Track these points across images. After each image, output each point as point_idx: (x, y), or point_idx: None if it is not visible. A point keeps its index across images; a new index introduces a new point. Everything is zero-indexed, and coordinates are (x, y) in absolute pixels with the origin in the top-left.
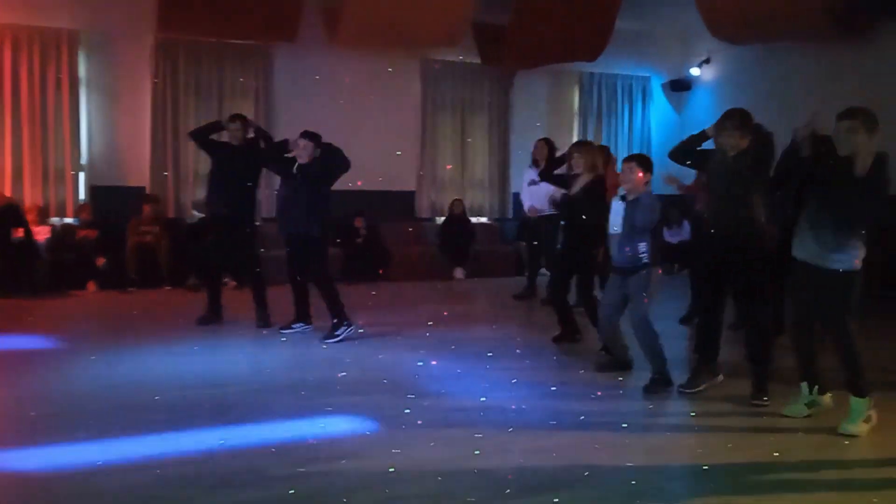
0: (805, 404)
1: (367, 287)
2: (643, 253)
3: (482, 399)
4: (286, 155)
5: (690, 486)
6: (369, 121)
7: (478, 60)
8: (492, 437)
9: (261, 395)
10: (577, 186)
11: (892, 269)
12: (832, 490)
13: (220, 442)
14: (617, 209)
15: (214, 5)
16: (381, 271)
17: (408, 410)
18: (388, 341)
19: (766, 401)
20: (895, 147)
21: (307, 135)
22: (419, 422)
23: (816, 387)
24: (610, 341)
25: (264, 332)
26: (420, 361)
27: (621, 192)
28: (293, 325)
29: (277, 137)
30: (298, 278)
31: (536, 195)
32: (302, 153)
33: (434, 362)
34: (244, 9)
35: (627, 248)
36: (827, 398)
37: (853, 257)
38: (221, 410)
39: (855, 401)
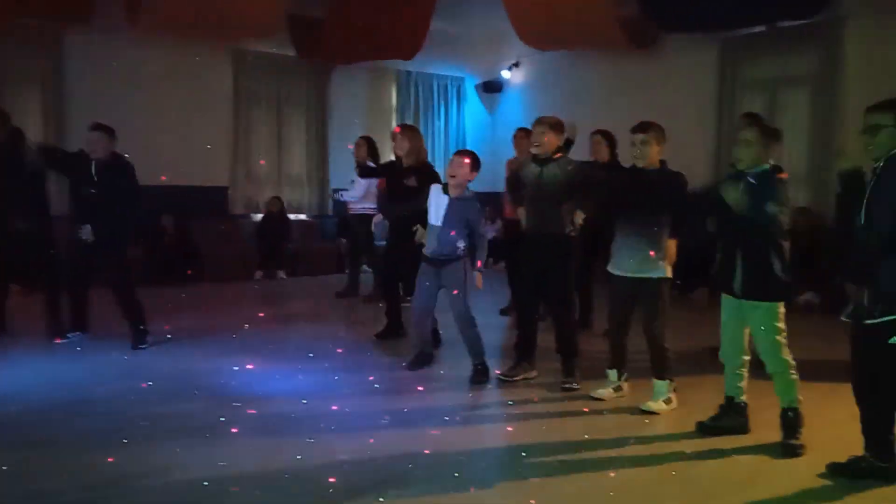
0: (612, 388)
1: (176, 289)
2: (461, 245)
3: (304, 402)
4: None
5: (511, 471)
6: (176, 113)
7: (293, 53)
8: (314, 441)
9: (54, 413)
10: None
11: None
12: (638, 465)
13: (4, 468)
14: (440, 202)
15: None
16: (189, 272)
17: (223, 419)
18: (200, 346)
19: (576, 385)
20: (679, 153)
21: (100, 127)
22: (234, 430)
23: (625, 374)
24: (419, 332)
25: (57, 342)
26: (236, 366)
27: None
28: (68, 335)
29: (70, 129)
30: (80, 284)
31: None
32: (95, 148)
33: (250, 366)
34: None
35: (449, 240)
36: (627, 385)
37: (663, 264)
38: (7, 431)
39: (657, 383)
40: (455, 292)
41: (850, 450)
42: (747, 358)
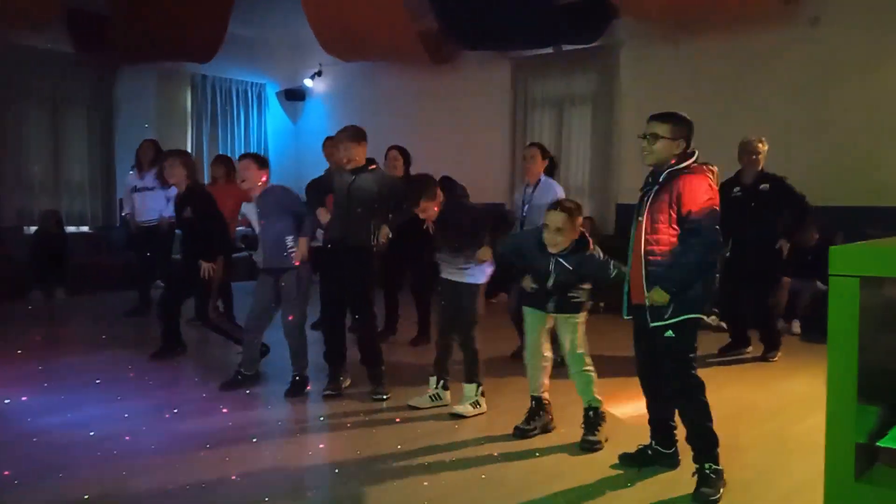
0: (430, 396)
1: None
2: (290, 243)
3: (91, 434)
4: None
5: (324, 488)
6: None
7: (72, 50)
8: (106, 473)
9: None
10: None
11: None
12: (450, 471)
13: None
14: (250, 210)
15: None
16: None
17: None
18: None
19: (385, 395)
20: (476, 165)
21: None
22: (6, 472)
23: (443, 381)
24: (249, 346)
25: None
26: (7, 398)
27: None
28: None
29: None
30: None
31: (143, 201)
32: None
33: (24, 398)
34: None
35: (276, 239)
36: (447, 394)
37: (479, 270)
38: None
39: (467, 387)
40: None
41: (643, 440)
42: (549, 355)
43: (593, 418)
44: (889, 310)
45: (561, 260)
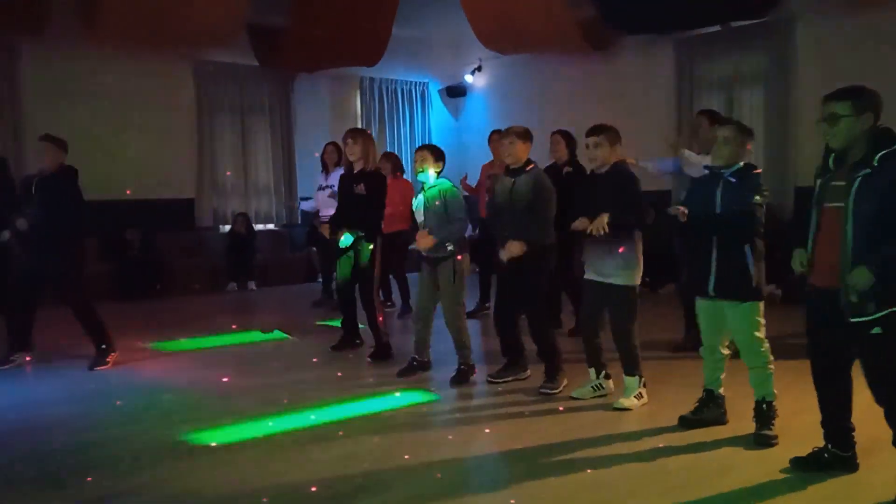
0: (592, 387)
1: (144, 304)
2: (452, 240)
3: (279, 413)
4: None
5: (490, 472)
6: (137, 125)
7: (255, 62)
8: (287, 451)
9: (25, 434)
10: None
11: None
12: (613, 462)
13: None
14: (418, 200)
15: None
16: (157, 286)
17: (187, 433)
18: (172, 361)
19: (553, 390)
20: (640, 153)
21: (49, 138)
22: (212, 444)
23: (603, 371)
24: (421, 335)
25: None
26: (211, 379)
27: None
28: (13, 357)
29: (27, 145)
30: (23, 305)
31: (326, 199)
32: (43, 158)
33: (225, 379)
34: None
35: (435, 232)
36: (610, 383)
37: (631, 270)
38: None
39: (628, 379)
40: (446, 289)
41: (818, 440)
42: (727, 353)
43: (766, 412)
44: None
45: (728, 178)
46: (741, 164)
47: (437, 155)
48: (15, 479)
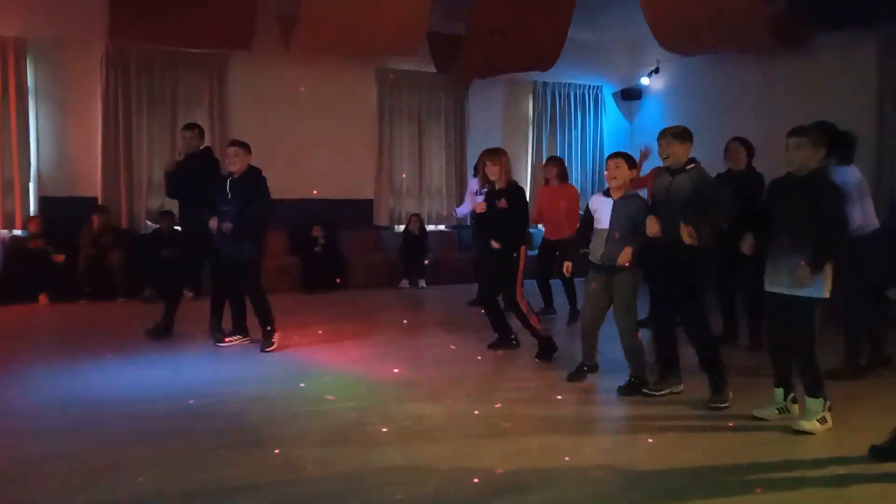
0: (777, 409)
1: (327, 296)
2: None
3: (446, 406)
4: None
5: (651, 482)
6: (325, 130)
7: (433, 69)
8: (456, 443)
9: (224, 407)
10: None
11: None
12: (787, 486)
13: (187, 455)
14: (604, 206)
15: (167, 13)
16: (338, 280)
17: (374, 418)
18: (349, 351)
19: (722, 405)
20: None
21: (238, 143)
22: (384, 430)
23: (791, 395)
24: (589, 343)
25: (220, 345)
26: (383, 370)
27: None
28: (230, 338)
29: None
30: (232, 291)
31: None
32: (233, 160)
33: (396, 370)
34: (198, 17)
35: (616, 243)
36: (795, 407)
37: (820, 282)
38: (187, 424)
39: (810, 401)
40: (623, 302)
41: None
42: None
43: None
44: None
45: None
46: None
47: (631, 162)
48: (218, 445)
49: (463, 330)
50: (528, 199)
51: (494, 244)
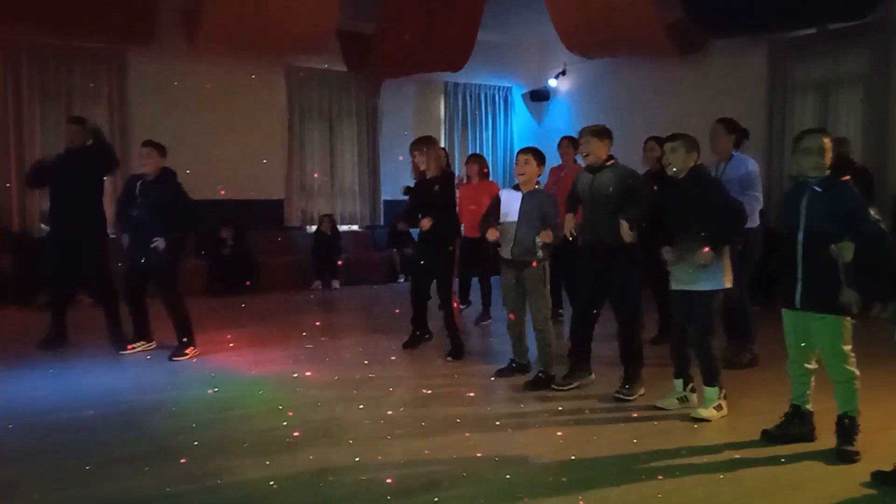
0: (677, 399)
1: (236, 300)
2: (539, 242)
3: (360, 406)
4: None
5: (560, 474)
6: (233, 129)
7: (344, 68)
8: (369, 443)
9: (127, 416)
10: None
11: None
12: (686, 470)
13: (87, 467)
14: (512, 200)
15: (61, 5)
16: (248, 283)
17: (285, 423)
18: (260, 355)
19: (630, 397)
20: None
21: (151, 144)
22: (296, 434)
23: (691, 384)
24: (516, 339)
25: (121, 352)
26: (295, 374)
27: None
28: (133, 345)
29: (133, 146)
30: (138, 296)
31: None
32: (146, 161)
33: (308, 373)
34: (95, 10)
35: (526, 236)
36: (695, 396)
37: (719, 274)
38: (85, 435)
39: (707, 390)
40: (535, 294)
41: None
42: (813, 367)
43: (849, 427)
44: None
45: (815, 187)
46: (828, 172)
47: (540, 158)
48: (120, 456)
49: (376, 331)
50: None
51: (425, 222)
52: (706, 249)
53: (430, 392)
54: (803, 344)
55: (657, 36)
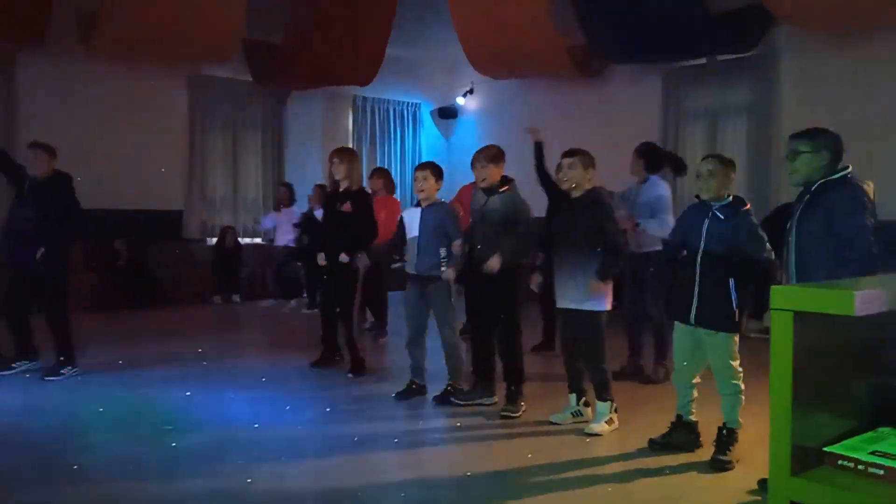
0: (571, 413)
1: (131, 314)
2: (444, 255)
3: (255, 426)
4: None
5: (455, 492)
6: (130, 136)
7: (249, 78)
8: (265, 465)
9: (5, 438)
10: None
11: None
12: (577, 484)
13: None
14: (413, 216)
15: None
16: (144, 297)
17: (174, 444)
18: (152, 372)
19: (516, 415)
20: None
21: (38, 145)
22: (187, 455)
23: (584, 399)
24: (416, 357)
25: (4, 372)
26: (188, 391)
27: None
28: (15, 364)
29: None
30: (20, 311)
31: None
32: (33, 164)
33: (202, 392)
34: None
35: (429, 251)
36: (588, 411)
37: (602, 296)
38: None
39: (599, 405)
40: (443, 310)
41: None
42: (698, 380)
43: (726, 437)
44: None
45: (716, 212)
46: (730, 198)
47: (438, 174)
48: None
49: (276, 347)
50: None
51: (344, 257)
52: (594, 282)
53: (329, 410)
54: (685, 364)
55: (560, 60)
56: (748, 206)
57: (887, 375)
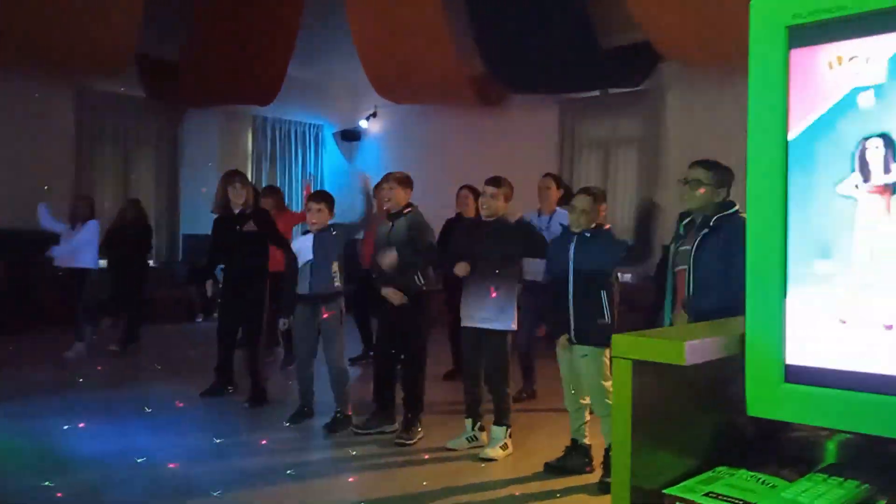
0: (467, 439)
1: (8, 339)
2: (336, 278)
3: (139, 460)
4: None
5: None
6: (11, 151)
7: (142, 94)
8: (144, 501)
9: None
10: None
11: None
12: None
13: None
14: (306, 242)
15: None
16: (24, 322)
17: (48, 483)
18: (25, 403)
19: (410, 442)
20: (527, 205)
21: None
22: (59, 495)
23: (479, 423)
24: (304, 383)
25: None
26: (66, 425)
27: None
28: None
29: None
30: None
31: None
32: None
33: (81, 424)
34: None
35: (321, 273)
36: (484, 435)
37: (509, 316)
38: None
39: (495, 429)
40: (333, 334)
41: None
42: (586, 402)
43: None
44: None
45: (585, 233)
46: (593, 226)
47: (331, 204)
48: None
49: (167, 374)
50: None
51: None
52: (494, 295)
53: (220, 441)
54: (572, 390)
55: (461, 87)
56: (608, 226)
57: (727, 415)
